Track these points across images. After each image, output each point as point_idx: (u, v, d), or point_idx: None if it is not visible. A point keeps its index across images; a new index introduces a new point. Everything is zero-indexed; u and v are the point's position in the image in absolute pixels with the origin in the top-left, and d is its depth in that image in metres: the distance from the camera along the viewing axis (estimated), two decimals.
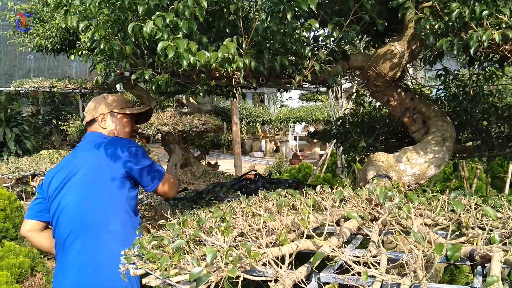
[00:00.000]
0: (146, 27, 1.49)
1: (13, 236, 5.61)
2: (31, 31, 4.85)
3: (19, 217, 5.86)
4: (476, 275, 1.22)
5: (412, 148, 2.11)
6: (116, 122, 2.16)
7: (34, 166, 4.95)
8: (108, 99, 2.19)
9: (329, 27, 1.79)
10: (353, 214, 1.43)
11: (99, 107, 2.16)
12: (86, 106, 2.25)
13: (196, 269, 1.19)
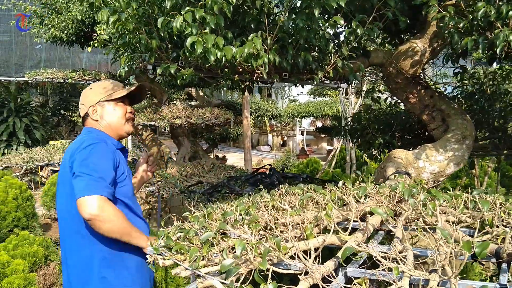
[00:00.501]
0: (175, 22, 1.51)
1: (24, 225, 5.67)
2: (46, 22, 4.87)
3: (30, 206, 5.92)
4: (501, 273, 1.23)
5: (432, 145, 2.12)
6: (106, 111, 2.02)
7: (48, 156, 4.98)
8: (93, 89, 2.06)
9: (354, 24, 1.80)
10: (379, 210, 1.45)
11: (87, 100, 2.04)
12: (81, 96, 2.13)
13: (227, 261, 1.21)
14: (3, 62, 12.19)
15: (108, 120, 2.03)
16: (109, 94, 2.02)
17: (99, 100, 2.02)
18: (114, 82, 2.11)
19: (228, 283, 1.15)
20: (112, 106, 2.03)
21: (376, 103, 3.00)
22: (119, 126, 2.04)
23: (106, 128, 2.03)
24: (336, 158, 7.72)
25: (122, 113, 2.04)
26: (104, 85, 2.06)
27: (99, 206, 1.70)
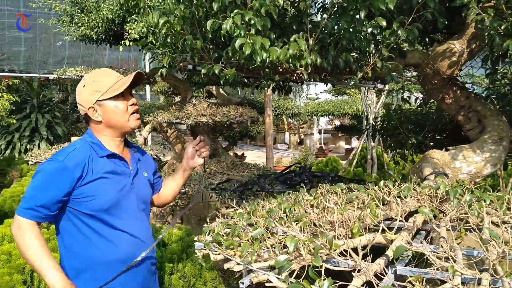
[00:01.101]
0: (225, 24, 1.54)
1: None
2: (76, 21, 4.97)
3: None
4: None
5: (468, 146, 2.13)
6: (107, 110, 1.83)
7: None
8: (88, 86, 1.84)
9: (395, 25, 1.82)
10: (425, 210, 1.47)
11: (84, 101, 1.84)
12: (76, 93, 1.92)
13: (281, 257, 1.25)
14: (27, 58, 12.42)
15: (111, 120, 1.84)
16: (106, 91, 1.81)
17: (97, 100, 1.81)
18: (106, 72, 1.88)
19: (283, 279, 1.19)
20: (112, 103, 1.82)
21: (405, 103, 3.01)
22: (123, 123, 1.85)
23: (109, 128, 1.85)
24: (357, 157, 7.72)
25: (124, 108, 1.84)
26: (98, 79, 1.84)
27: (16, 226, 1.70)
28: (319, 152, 14.06)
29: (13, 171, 7.33)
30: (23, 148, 11.30)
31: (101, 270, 1.77)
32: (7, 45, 11.94)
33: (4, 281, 2.55)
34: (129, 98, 1.85)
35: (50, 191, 1.68)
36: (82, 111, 1.86)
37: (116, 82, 1.81)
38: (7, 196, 5.55)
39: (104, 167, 1.79)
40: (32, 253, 1.66)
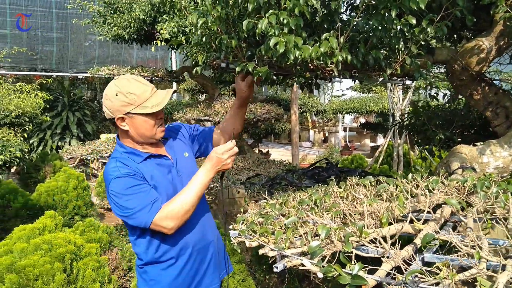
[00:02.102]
0: (261, 24, 1.63)
1: (84, 213, 5.99)
2: (109, 21, 5.13)
3: (87, 196, 6.24)
4: None
5: (496, 141, 2.16)
6: (136, 122, 1.87)
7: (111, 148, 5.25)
8: (121, 97, 1.83)
9: (424, 23, 1.87)
10: (452, 201, 1.52)
11: (114, 108, 1.85)
12: (104, 93, 1.93)
13: (314, 242, 1.33)
14: (59, 58, 12.80)
15: (138, 132, 1.89)
16: (139, 105, 1.84)
17: (128, 112, 1.84)
18: (142, 84, 1.88)
19: (316, 263, 1.26)
20: (142, 118, 1.86)
21: (433, 99, 3.04)
22: (150, 136, 1.91)
23: (135, 137, 1.91)
24: (383, 155, 7.71)
25: (153, 123, 1.89)
26: (133, 91, 1.83)
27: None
28: (344, 150, 14.03)
29: (47, 167, 7.59)
30: (54, 145, 11.68)
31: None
32: (40, 45, 12.32)
33: (46, 269, 2.70)
34: (159, 113, 1.90)
35: (137, 188, 1.79)
36: (108, 115, 1.89)
37: (150, 97, 1.85)
38: (42, 190, 5.77)
39: (149, 170, 1.88)
40: (182, 197, 1.81)
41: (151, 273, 1.95)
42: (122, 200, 1.79)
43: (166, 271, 1.93)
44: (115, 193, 1.80)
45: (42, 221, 3.22)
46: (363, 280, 1.16)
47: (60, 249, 2.81)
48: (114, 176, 1.80)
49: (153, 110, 1.84)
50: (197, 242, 1.97)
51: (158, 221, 1.77)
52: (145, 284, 1.98)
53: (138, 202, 1.77)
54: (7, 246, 2.89)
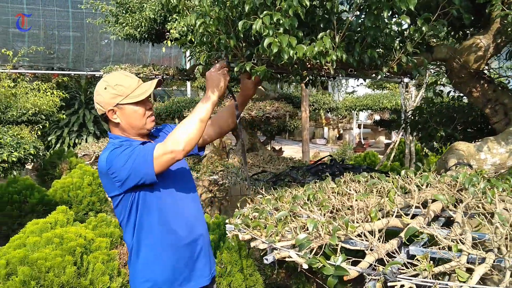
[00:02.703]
0: (255, 24, 1.68)
1: (98, 209, 6.13)
2: (121, 21, 5.25)
3: (102, 192, 6.37)
4: None
5: (493, 138, 2.18)
6: (126, 113, 1.96)
7: None
8: (109, 89, 1.93)
9: (419, 22, 1.90)
10: (440, 196, 1.56)
11: (103, 101, 1.94)
12: (95, 92, 2.02)
13: (301, 235, 1.39)
14: (75, 57, 13.04)
15: (129, 122, 1.97)
16: (127, 95, 1.93)
17: (117, 103, 1.93)
18: (127, 76, 1.99)
19: (302, 255, 1.32)
20: (132, 108, 1.95)
21: (438, 96, 3.06)
22: (141, 126, 1.99)
23: (127, 129, 1.99)
24: (395, 152, 7.69)
25: (143, 112, 1.98)
26: (120, 82, 1.94)
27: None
28: (358, 147, 13.99)
29: (63, 163, 7.77)
30: (71, 142, 11.91)
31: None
32: (57, 44, 12.57)
33: (57, 262, 2.80)
34: (147, 102, 1.99)
35: (131, 149, 1.84)
36: (100, 111, 1.98)
37: (137, 87, 1.95)
38: (58, 187, 5.93)
39: None
40: (184, 121, 1.87)
41: (142, 262, 1.98)
42: (121, 161, 1.82)
43: (157, 260, 1.98)
44: (112, 161, 1.83)
45: (54, 216, 3.33)
46: (345, 271, 1.21)
47: (71, 243, 2.91)
48: (110, 150, 1.88)
49: (140, 98, 1.94)
50: (186, 235, 2.02)
51: (161, 152, 1.80)
52: (137, 274, 2.02)
53: (136, 153, 1.82)
54: (21, 239, 3.01)
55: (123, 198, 1.91)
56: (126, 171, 1.82)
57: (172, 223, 1.98)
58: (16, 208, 5.18)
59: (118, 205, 1.95)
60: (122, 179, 1.84)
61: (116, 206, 1.96)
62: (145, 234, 1.96)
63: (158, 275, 1.97)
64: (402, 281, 1.14)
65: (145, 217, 1.94)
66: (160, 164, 1.81)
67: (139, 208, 1.93)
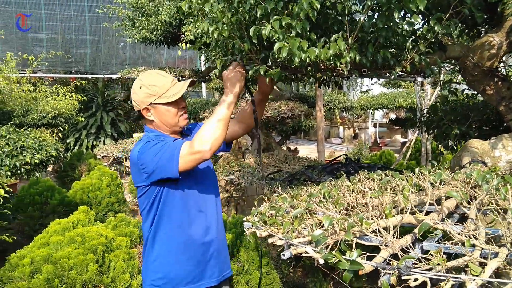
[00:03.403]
0: (264, 30, 1.73)
1: (117, 210, 6.24)
2: (137, 24, 5.35)
3: (120, 193, 6.48)
4: None
5: (508, 135, 2.19)
6: (160, 112, 2.06)
7: None
8: (144, 88, 2.03)
9: (432, 22, 1.93)
10: (453, 193, 1.59)
11: (139, 100, 2.05)
12: (132, 90, 2.12)
13: (317, 232, 1.43)
14: (92, 60, 13.25)
15: (163, 120, 2.07)
16: (161, 95, 2.02)
17: (151, 103, 2.03)
18: (161, 76, 2.07)
19: (318, 250, 1.36)
20: (164, 107, 2.04)
21: (453, 95, 3.06)
22: (174, 124, 2.08)
23: (161, 126, 2.08)
24: (411, 150, 7.66)
25: (175, 111, 2.07)
26: (154, 83, 2.03)
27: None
28: (374, 146, 13.93)
29: (82, 165, 7.92)
30: (89, 144, 12.11)
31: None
32: (74, 48, 12.80)
33: (79, 260, 2.89)
34: (180, 102, 2.07)
35: (161, 144, 1.94)
36: (135, 107, 2.10)
37: (170, 87, 2.04)
38: (78, 188, 6.06)
39: None
40: (215, 117, 1.93)
41: (158, 252, 2.06)
42: (151, 155, 1.91)
43: (169, 255, 2.06)
44: (143, 154, 1.93)
45: (76, 216, 3.42)
46: (360, 266, 1.26)
47: (93, 242, 3.00)
48: (144, 142, 1.98)
49: (173, 99, 2.02)
50: (201, 236, 2.09)
51: (187, 152, 1.87)
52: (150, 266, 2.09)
53: (164, 150, 1.90)
54: (44, 239, 3.10)
55: (148, 189, 2.01)
56: (154, 164, 1.90)
57: (190, 222, 2.06)
58: (37, 209, 5.31)
59: (142, 195, 2.04)
60: (149, 172, 1.93)
61: (140, 196, 2.06)
62: (162, 228, 2.04)
63: (169, 270, 2.04)
64: (416, 275, 1.18)
65: (165, 212, 2.03)
66: (185, 162, 1.88)
67: (161, 202, 2.02)
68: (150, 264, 2.08)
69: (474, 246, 1.29)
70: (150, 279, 2.07)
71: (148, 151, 1.92)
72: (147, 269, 2.11)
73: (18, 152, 3.31)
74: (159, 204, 2.02)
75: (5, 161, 3.18)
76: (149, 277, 2.08)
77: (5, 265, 2.86)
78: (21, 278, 2.75)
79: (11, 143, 3.33)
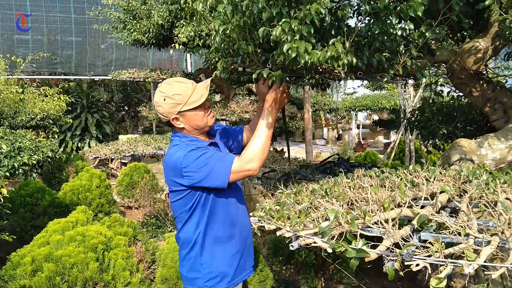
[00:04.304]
0: (275, 31, 1.83)
1: (107, 211, 6.26)
2: (128, 27, 5.39)
3: (110, 194, 6.50)
4: None
5: (494, 134, 2.33)
6: (189, 118, 2.13)
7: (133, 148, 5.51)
8: (168, 101, 2.09)
9: (423, 28, 2.05)
10: (446, 187, 1.71)
11: (166, 111, 2.11)
12: (154, 102, 2.17)
13: (324, 223, 1.54)
14: (77, 62, 13.18)
15: (193, 125, 2.15)
16: (186, 103, 2.08)
17: (179, 111, 2.10)
18: (182, 83, 2.13)
19: (326, 240, 1.47)
20: (192, 112, 2.12)
21: (438, 96, 3.21)
22: (203, 125, 2.18)
23: (192, 131, 2.17)
24: (395, 151, 7.85)
25: (203, 113, 2.16)
26: (176, 91, 2.08)
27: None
28: (358, 147, 14.16)
29: (70, 167, 7.90)
30: (74, 146, 12.05)
31: None
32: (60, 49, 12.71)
33: (80, 258, 2.94)
34: (205, 103, 2.15)
35: (210, 154, 2.02)
36: (164, 119, 2.15)
37: (193, 92, 2.10)
38: (67, 189, 6.07)
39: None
40: (256, 141, 2.05)
41: (204, 254, 2.14)
42: (199, 165, 1.99)
43: (224, 252, 2.16)
44: (190, 163, 1.99)
45: (74, 215, 3.47)
46: (366, 253, 1.36)
47: (93, 240, 3.05)
48: (188, 150, 2.02)
49: (198, 103, 2.10)
50: (241, 231, 2.23)
51: (239, 169, 1.99)
52: (197, 267, 2.16)
53: (213, 162, 1.99)
54: (44, 238, 3.14)
55: (189, 193, 2.08)
56: (202, 174, 1.98)
57: (232, 219, 2.18)
58: (28, 210, 5.31)
59: (181, 198, 2.10)
60: (197, 179, 2.00)
61: (178, 199, 2.11)
62: (210, 228, 2.13)
63: (222, 268, 2.15)
64: (417, 260, 1.29)
65: (212, 211, 2.12)
66: (236, 178, 2.02)
67: (207, 203, 2.10)
68: (199, 266, 2.15)
69: (468, 235, 1.41)
70: (203, 280, 2.14)
71: (196, 161, 1.99)
72: (196, 271, 2.16)
73: (16, 153, 3.34)
74: (205, 205, 2.10)
75: (3, 162, 3.21)
76: (201, 279, 2.15)
77: (7, 264, 2.90)
78: (22, 276, 2.80)
79: (8, 144, 3.36)
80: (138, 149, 5.45)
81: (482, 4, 2.07)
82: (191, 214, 2.12)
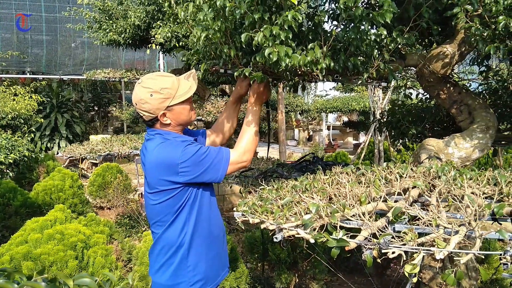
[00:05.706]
0: (257, 37, 1.93)
1: (80, 211, 6.22)
2: (104, 27, 5.38)
3: (82, 194, 6.46)
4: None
5: (460, 134, 2.49)
6: (176, 112, 2.06)
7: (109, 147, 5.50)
8: (156, 96, 1.99)
9: (394, 34, 2.19)
10: (418, 182, 1.85)
11: (154, 107, 2.01)
12: (136, 100, 2.04)
13: (306, 216, 1.64)
14: (48, 61, 12.93)
15: (179, 120, 2.08)
16: (174, 96, 2.01)
17: (167, 106, 2.01)
18: (167, 77, 2.05)
19: (308, 232, 1.57)
20: (180, 106, 2.05)
21: (407, 98, 3.38)
22: (188, 120, 2.11)
23: (176, 127, 2.10)
24: (365, 151, 8.08)
25: (189, 107, 2.09)
26: (164, 85, 2.00)
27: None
28: (328, 148, 14.41)
29: (40, 167, 7.78)
30: (43, 146, 11.81)
31: None
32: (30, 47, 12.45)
33: (59, 256, 2.96)
34: (190, 97, 2.10)
35: (205, 147, 2.05)
36: (148, 117, 2.04)
37: (179, 85, 2.05)
38: (40, 189, 5.99)
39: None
40: (247, 134, 2.18)
41: (191, 254, 2.10)
42: (198, 159, 1.97)
43: (209, 251, 2.15)
44: (189, 158, 1.96)
45: (53, 214, 3.47)
46: (346, 243, 1.47)
47: (72, 238, 3.07)
48: (184, 146, 1.99)
49: (188, 95, 2.06)
50: (221, 230, 2.27)
51: (236, 160, 2.09)
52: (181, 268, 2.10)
53: (211, 155, 2.01)
54: (22, 237, 3.14)
55: (180, 192, 2.01)
56: (200, 168, 1.98)
57: (214, 219, 2.19)
58: (0, 210, 5.23)
59: (169, 199, 2.02)
60: (194, 174, 1.98)
61: (164, 200, 2.02)
62: (196, 229, 2.08)
63: (206, 270, 2.13)
64: (393, 248, 1.41)
65: (198, 211, 2.08)
66: (232, 169, 2.08)
67: (194, 202, 2.06)
68: (184, 269, 2.08)
69: (439, 226, 1.54)
70: (188, 284, 2.08)
71: (195, 155, 1.96)
72: (180, 275, 2.09)
73: None
74: (194, 203, 2.06)
75: None
76: (185, 283, 2.08)
77: None
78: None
79: None
80: (114, 148, 5.44)
81: (450, 12, 2.22)
82: (177, 215, 2.04)
